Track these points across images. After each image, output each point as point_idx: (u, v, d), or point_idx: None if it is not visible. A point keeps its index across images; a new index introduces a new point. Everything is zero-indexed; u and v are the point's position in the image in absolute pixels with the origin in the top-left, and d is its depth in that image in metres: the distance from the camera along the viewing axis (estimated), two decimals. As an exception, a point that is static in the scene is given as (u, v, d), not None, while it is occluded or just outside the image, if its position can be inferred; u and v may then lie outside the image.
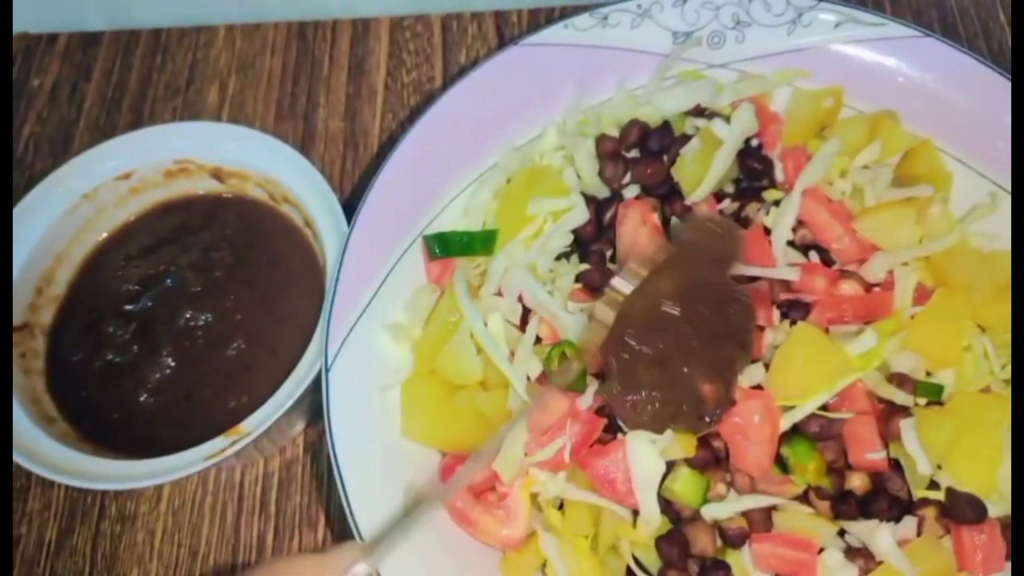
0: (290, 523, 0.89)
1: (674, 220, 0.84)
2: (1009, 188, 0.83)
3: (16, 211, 0.87)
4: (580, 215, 0.84)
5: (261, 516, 0.90)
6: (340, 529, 0.89)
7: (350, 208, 0.86)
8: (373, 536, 0.67)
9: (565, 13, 1.17)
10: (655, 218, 0.84)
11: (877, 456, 0.72)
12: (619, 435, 0.73)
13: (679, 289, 0.74)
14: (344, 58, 1.18)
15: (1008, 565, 0.69)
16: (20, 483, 0.92)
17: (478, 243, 0.83)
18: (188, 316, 0.85)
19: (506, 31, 1.19)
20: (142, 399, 0.83)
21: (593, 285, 0.81)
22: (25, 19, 1.22)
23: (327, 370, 0.74)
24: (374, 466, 0.73)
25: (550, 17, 1.19)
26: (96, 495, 0.92)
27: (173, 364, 0.84)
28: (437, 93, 1.13)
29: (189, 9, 1.22)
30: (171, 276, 0.87)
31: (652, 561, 0.73)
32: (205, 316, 0.85)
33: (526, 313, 0.81)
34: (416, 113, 1.13)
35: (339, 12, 1.21)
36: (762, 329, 0.77)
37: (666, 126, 0.89)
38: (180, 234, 0.90)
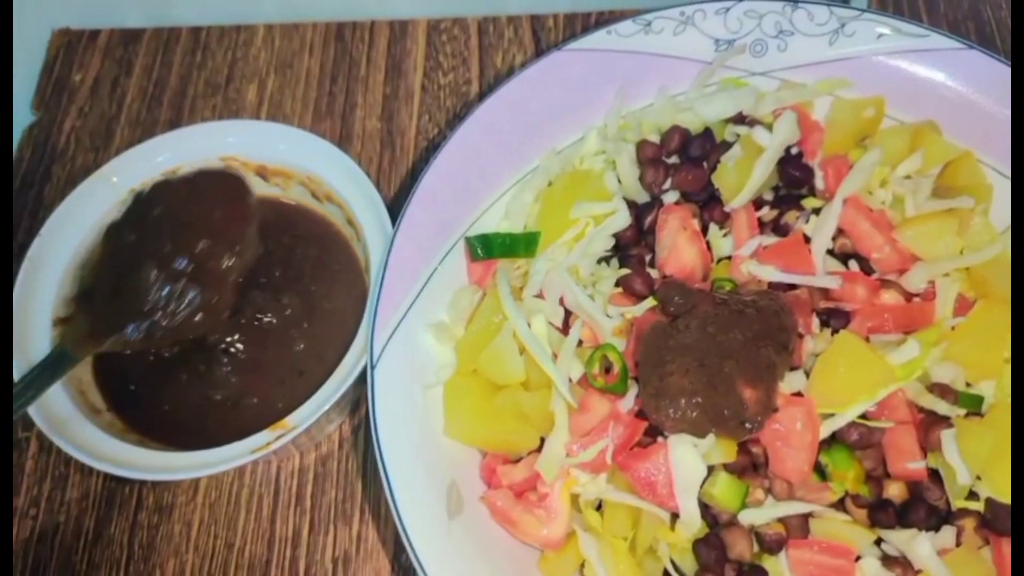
0: (325, 517, 0.90)
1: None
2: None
3: (65, 204, 0.89)
4: (622, 219, 0.85)
5: (297, 510, 0.91)
6: (375, 524, 0.90)
7: (388, 207, 0.87)
8: None
9: (601, 18, 1.19)
10: (695, 224, 0.85)
11: (916, 466, 0.73)
12: (660, 438, 0.74)
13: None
14: (381, 59, 1.19)
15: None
16: (59, 472, 0.94)
17: (521, 245, 0.84)
18: (238, 314, 0.85)
19: (542, 35, 1.20)
20: (190, 393, 0.84)
21: (633, 289, 0.81)
22: (67, 15, 1.23)
23: (372, 367, 0.75)
24: (416, 463, 0.74)
25: (586, 22, 1.19)
26: (134, 486, 0.93)
27: (221, 361, 0.85)
28: (473, 96, 1.15)
29: (229, 8, 1.23)
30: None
31: (689, 565, 0.74)
32: (257, 316, 0.86)
33: (567, 315, 0.81)
34: (453, 115, 1.14)
35: (377, 13, 1.22)
36: (802, 337, 0.77)
37: (707, 133, 0.89)
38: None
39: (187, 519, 0.91)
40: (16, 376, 0.81)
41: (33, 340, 0.83)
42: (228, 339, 0.85)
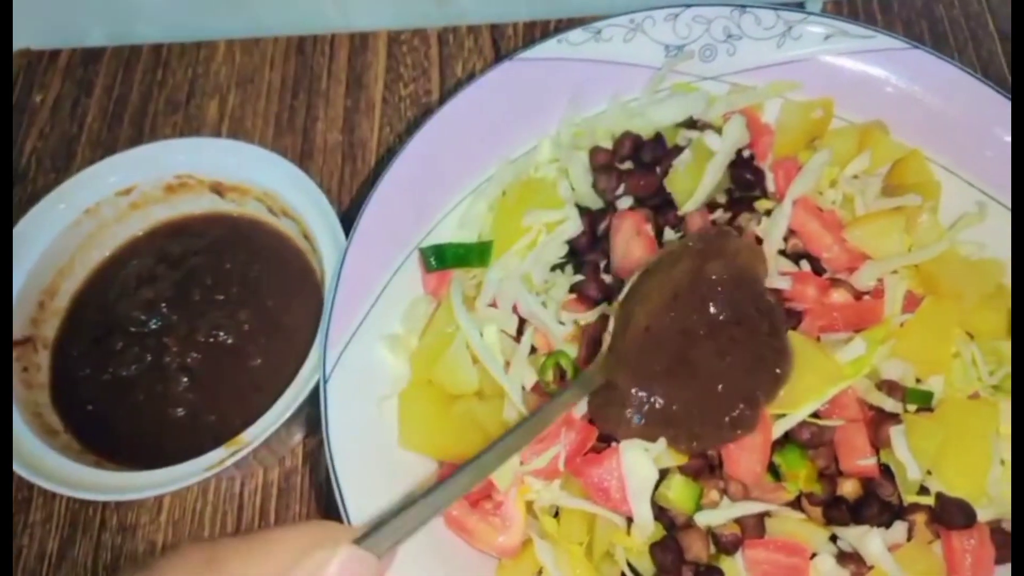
0: (290, 533, 0.90)
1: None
2: (997, 197, 0.84)
3: (20, 226, 0.88)
4: (574, 226, 0.86)
5: (261, 526, 0.91)
6: (339, 538, 0.89)
7: (349, 220, 0.87)
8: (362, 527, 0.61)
9: (560, 26, 1.20)
10: (648, 229, 0.85)
11: (867, 462, 0.73)
12: (612, 443, 0.74)
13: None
14: (342, 72, 1.19)
15: (997, 570, 0.70)
16: (22, 495, 0.93)
17: (474, 255, 0.84)
18: (195, 331, 0.86)
19: (502, 44, 1.20)
20: (148, 412, 0.84)
21: (587, 295, 0.82)
22: (28, 35, 1.23)
23: (325, 381, 0.75)
24: (372, 476, 0.74)
25: (545, 30, 1.20)
26: (97, 506, 0.92)
27: (179, 379, 0.85)
28: (434, 107, 1.16)
29: (190, 24, 1.23)
30: (177, 295, 0.88)
31: (646, 567, 0.74)
32: (214, 332, 0.86)
33: (522, 323, 0.82)
34: (413, 126, 1.14)
35: (337, 26, 1.22)
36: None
37: (659, 138, 0.90)
38: (184, 253, 0.91)
39: (151, 538, 0.91)
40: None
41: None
42: (184, 357, 0.85)
